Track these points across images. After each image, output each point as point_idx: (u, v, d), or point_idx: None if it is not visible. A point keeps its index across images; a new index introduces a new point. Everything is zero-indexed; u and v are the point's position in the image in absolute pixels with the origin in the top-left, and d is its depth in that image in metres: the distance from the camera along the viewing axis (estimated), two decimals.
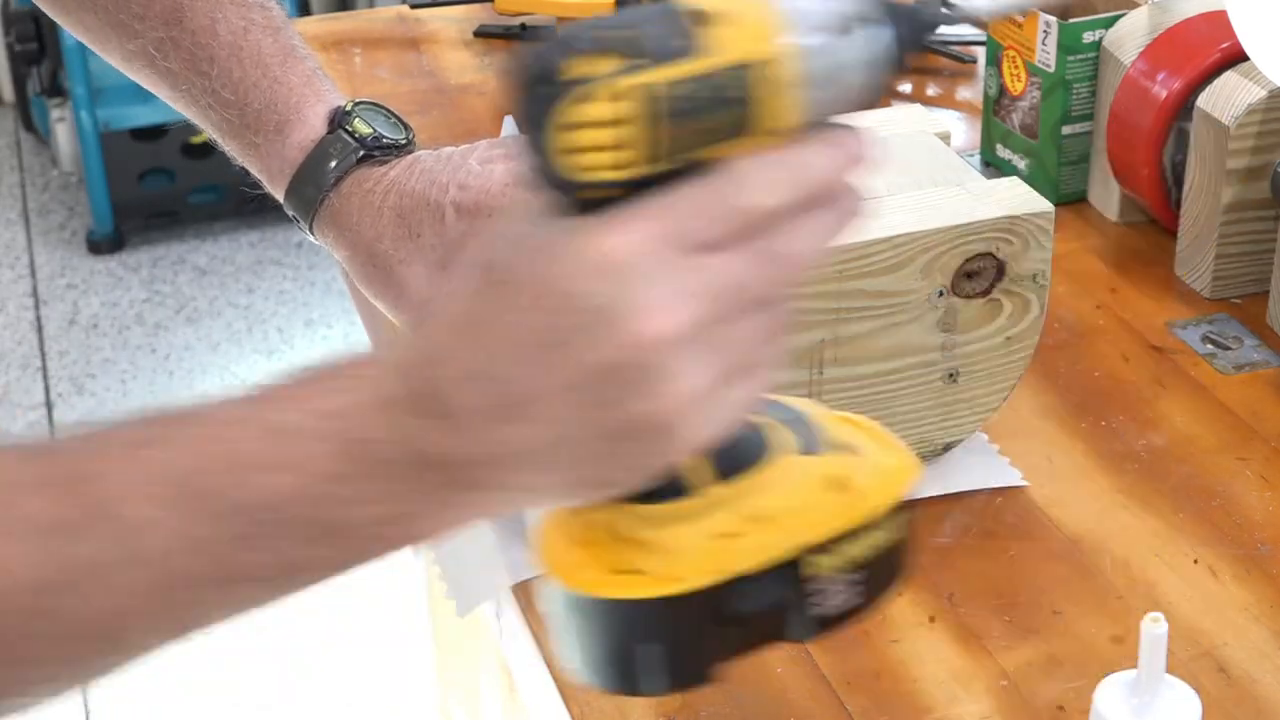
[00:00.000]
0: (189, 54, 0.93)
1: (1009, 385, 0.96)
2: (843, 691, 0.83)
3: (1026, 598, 0.89)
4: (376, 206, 0.90)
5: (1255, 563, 0.91)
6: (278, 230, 3.35)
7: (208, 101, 0.94)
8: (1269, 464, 0.98)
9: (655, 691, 0.64)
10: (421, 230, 0.88)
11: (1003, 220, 0.91)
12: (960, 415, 0.96)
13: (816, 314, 0.90)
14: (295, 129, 0.92)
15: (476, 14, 1.59)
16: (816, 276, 0.89)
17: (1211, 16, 1.16)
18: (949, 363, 0.94)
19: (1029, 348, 0.96)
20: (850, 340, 0.91)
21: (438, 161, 0.90)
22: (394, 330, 1.10)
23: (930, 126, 1.01)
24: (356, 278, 0.92)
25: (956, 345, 0.94)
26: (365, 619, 2.42)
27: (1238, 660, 0.84)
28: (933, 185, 0.94)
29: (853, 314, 0.91)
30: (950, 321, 0.93)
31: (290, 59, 0.94)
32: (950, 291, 0.92)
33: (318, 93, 0.93)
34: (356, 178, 0.91)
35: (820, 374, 0.92)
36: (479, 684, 1.54)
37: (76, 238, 3.36)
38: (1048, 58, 1.22)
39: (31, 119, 3.61)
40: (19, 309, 3.16)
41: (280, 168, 0.93)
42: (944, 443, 0.97)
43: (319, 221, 0.92)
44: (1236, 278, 1.14)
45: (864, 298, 0.91)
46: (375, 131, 0.92)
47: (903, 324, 0.92)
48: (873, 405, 0.94)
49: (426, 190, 0.89)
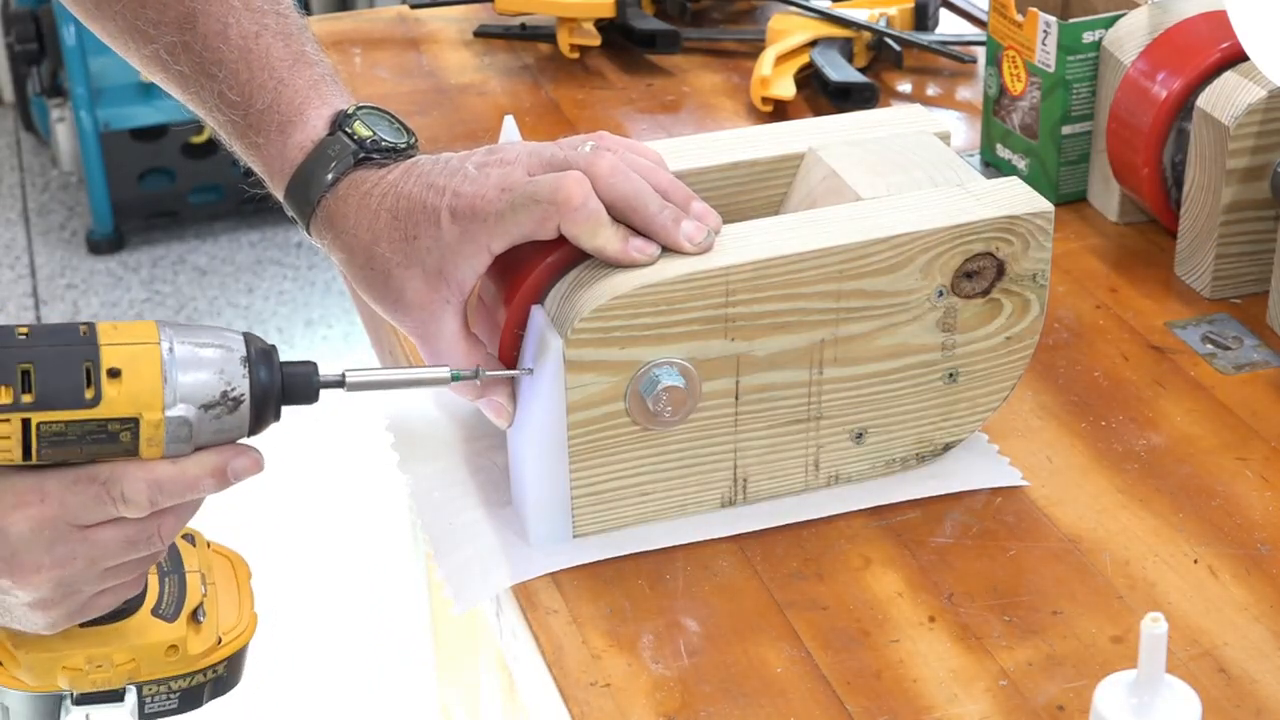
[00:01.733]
0: (199, 58, 0.95)
1: (1009, 385, 0.96)
2: (843, 691, 0.83)
3: (1026, 598, 0.89)
4: (373, 209, 0.90)
5: (1255, 563, 0.91)
6: (278, 230, 3.36)
7: (215, 103, 0.95)
8: (1269, 464, 0.98)
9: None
10: (418, 233, 0.89)
11: (1002, 220, 0.91)
12: (960, 415, 0.96)
13: (817, 314, 0.90)
14: (296, 130, 0.93)
15: (476, 14, 1.59)
16: (817, 276, 0.89)
17: (1211, 16, 1.16)
18: (949, 362, 0.94)
19: (1029, 348, 0.96)
20: (850, 340, 0.91)
21: (435, 166, 0.91)
22: (393, 333, 1.10)
23: (930, 126, 1.01)
24: (353, 280, 0.92)
25: (956, 345, 0.94)
26: (365, 619, 2.42)
27: (1238, 660, 0.84)
28: (933, 185, 0.94)
29: (853, 314, 0.91)
30: (950, 321, 0.93)
31: (299, 63, 0.95)
32: (950, 291, 0.92)
33: (322, 96, 0.94)
34: (354, 180, 0.91)
35: (820, 374, 0.92)
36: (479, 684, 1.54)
37: (76, 238, 3.36)
38: (1048, 58, 1.22)
39: (31, 119, 3.62)
40: (19, 309, 3.16)
41: (280, 168, 0.93)
42: (944, 442, 0.97)
43: (316, 222, 0.93)
44: (1236, 278, 1.14)
45: (864, 297, 0.90)
46: (375, 134, 0.92)
47: (903, 324, 0.92)
48: (873, 405, 0.94)
49: (423, 194, 0.89)
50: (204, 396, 0.78)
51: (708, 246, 0.88)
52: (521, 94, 1.46)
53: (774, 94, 1.39)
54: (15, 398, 0.75)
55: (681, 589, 0.89)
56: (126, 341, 0.77)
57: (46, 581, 0.79)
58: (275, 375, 0.80)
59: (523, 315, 0.89)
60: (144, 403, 0.77)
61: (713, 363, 0.89)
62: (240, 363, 0.79)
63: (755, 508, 0.94)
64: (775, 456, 0.94)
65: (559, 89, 1.46)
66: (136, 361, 0.77)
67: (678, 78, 1.48)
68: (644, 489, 0.92)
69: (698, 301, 0.87)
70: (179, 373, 0.77)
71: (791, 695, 0.83)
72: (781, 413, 0.92)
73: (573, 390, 0.87)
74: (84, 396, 0.76)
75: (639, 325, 0.87)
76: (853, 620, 0.87)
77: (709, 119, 1.41)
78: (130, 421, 0.77)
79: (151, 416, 0.77)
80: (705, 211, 0.89)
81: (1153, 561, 0.91)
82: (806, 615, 0.88)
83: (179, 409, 0.77)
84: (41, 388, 0.75)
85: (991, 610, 0.88)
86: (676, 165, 0.96)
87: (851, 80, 1.40)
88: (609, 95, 1.45)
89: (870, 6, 1.49)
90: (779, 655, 0.85)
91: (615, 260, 0.87)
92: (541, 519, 0.91)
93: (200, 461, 0.79)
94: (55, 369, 0.76)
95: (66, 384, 0.76)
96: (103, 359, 0.76)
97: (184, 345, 0.78)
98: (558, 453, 0.89)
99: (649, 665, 0.85)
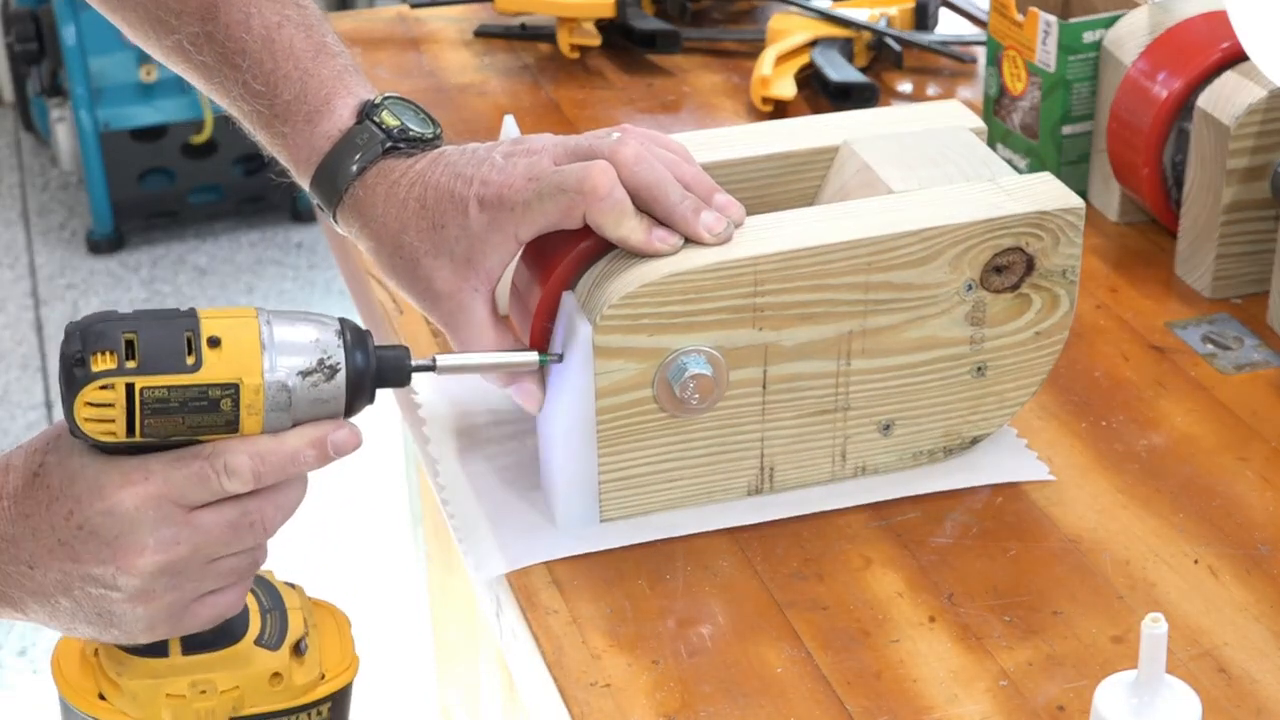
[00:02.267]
0: (221, 48, 0.96)
1: (1038, 380, 0.97)
2: (843, 691, 0.83)
3: (1026, 598, 0.89)
4: (401, 198, 0.91)
5: (1255, 563, 0.91)
6: (278, 230, 3.36)
7: (239, 93, 0.96)
8: (1269, 464, 0.98)
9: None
10: (445, 222, 0.90)
11: (1033, 215, 0.91)
12: (988, 409, 0.96)
13: (845, 305, 0.90)
14: (323, 120, 0.94)
15: (476, 14, 1.59)
16: (846, 267, 0.89)
17: (1211, 16, 1.16)
18: (977, 356, 0.94)
19: (1058, 343, 0.96)
20: (878, 332, 0.92)
21: (462, 156, 0.92)
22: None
23: (966, 122, 1.01)
24: (382, 269, 0.93)
25: (985, 339, 0.94)
26: (366, 619, 2.42)
27: (1238, 660, 0.84)
28: (964, 180, 0.95)
29: (881, 306, 0.91)
30: (979, 315, 0.93)
31: (322, 54, 0.96)
32: (979, 285, 0.92)
33: (347, 86, 0.95)
34: (381, 169, 0.92)
35: (848, 365, 0.92)
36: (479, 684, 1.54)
37: (76, 238, 3.36)
38: (1048, 58, 1.22)
39: (31, 119, 3.61)
40: (19, 309, 3.16)
41: (307, 157, 0.94)
42: (971, 436, 0.97)
43: (343, 210, 0.94)
44: (1236, 278, 1.14)
45: (892, 290, 0.91)
46: (402, 124, 0.93)
47: (931, 317, 0.92)
48: (900, 397, 0.94)
49: (451, 183, 0.90)
50: (302, 363, 0.79)
51: (727, 238, 0.89)
52: (521, 94, 1.46)
53: (774, 94, 1.39)
54: (120, 363, 0.76)
55: (681, 589, 0.90)
56: (226, 316, 0.79)
57: (151, 565, 0.78)
58: (370, 357, 0.81)
59: (554, 302, 0.90)
60: (244, 367, 0.78)
61: (740, 351, 0.90)
62: (335, 335, 0.80)
63: (781, 496, 0.95)
64: (802, 446, 0.94)
65: (559, 89, 1.46)
66: (235, 330, 0.78)
67: (678, 78, 1.48)
68: (671, 475, 0.92)
69: (726, 290, 0.88)
70: (277, 340, 0.79)
71: (791, 695, 0.83)
72: (809, 403, 0.93)
73: (601, 376, 0.88)
74: (185, 362, 0.77)
75: (667, 313, 0.87)
76: (853, 620, 0.87)
77: (709, 119, 1.41)
78: (230, 388, 0.78)
79: (251, 381, 0.78)
80: (728, 203, 0.90)
81: (1153, 561, 0.91)
82: (807, 615, 0.88)
83: (279, 373, 0.79)
84: (145, 353, 0.77)
85: (992, 610, 0.88)
86: (711, 157, 0.97)
87: (851, 80, 1.40)
88: (609, 95, 1.45)
89: (870, 6, 1.49)
90: (779, 655, 0.85)
91: (639, 250, 0.88)
92: (570, 503, 0.92)
93: (300, 433, 0.80)
94: (158, 337, 0.77)
95: (169, 349, 0.77)
96: (203, 329, 0.78)
97: (281, 320, 0.80)
98: (586, 438, 0.90)
99: (649, 665, 0.85)
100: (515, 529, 0.93)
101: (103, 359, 0.76)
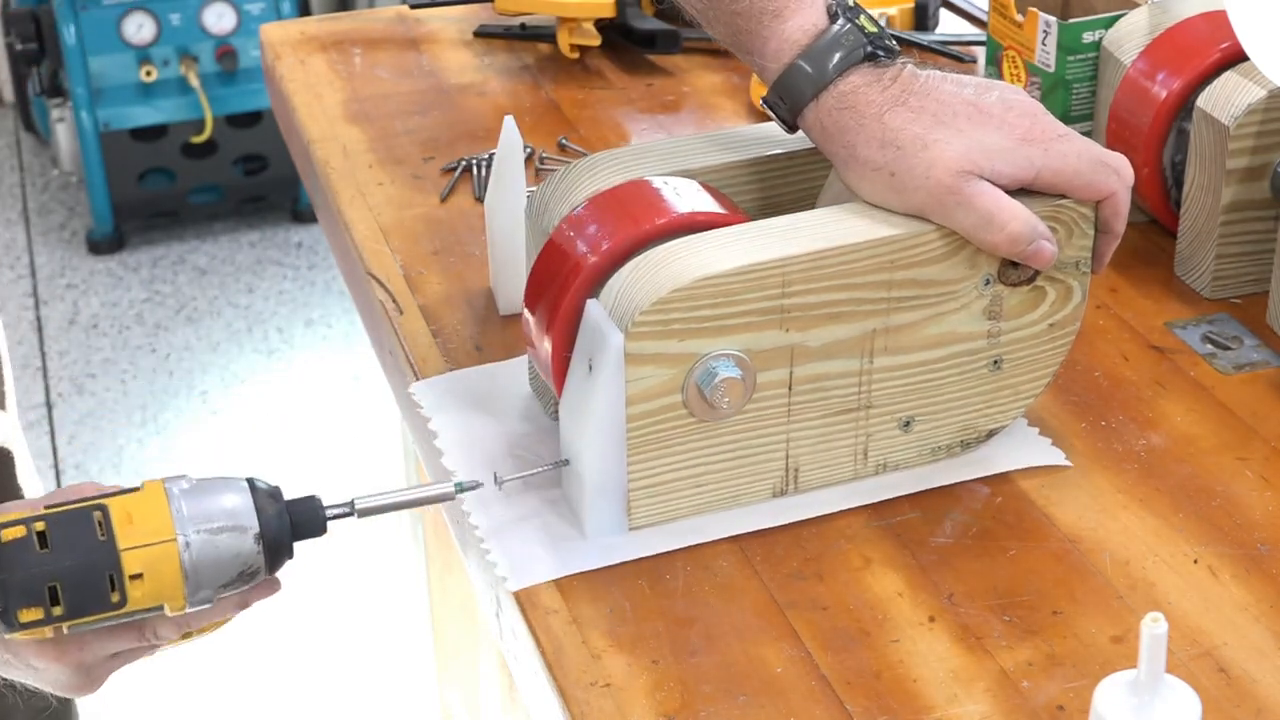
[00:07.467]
0: None
1: (1051, 371, 0.97)
2: (842, 691, 0.83)
3: (1026, 598, 0.89)
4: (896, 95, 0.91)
5: (1255, 563, 0.91)
6: (278, 230, 3.36)
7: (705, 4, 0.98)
8: (1269, 464, 0.98)
9: None
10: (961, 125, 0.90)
11: (1046, 208, 0.92)
12: (1004, 401, 0.97)
13: (869, 303, 0.91)
14: (793, 15, 0.94)
15: (476, 14, 1.59)
16: (871, 265, 0.90)
17: (1211, 16, 1.16)
18: (994, 350, 0.95)
19: (1071, 334, 0.97)
20: (900, 329, 0.92)
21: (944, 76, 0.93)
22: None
23: None
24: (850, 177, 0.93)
25: (1002, 333, 0.95)
26: (366, 619, 2.42)
27: (1238, 660, 0.84)
28: None
29: (903, 303, 0.92)
30: (996, 309, 0.94)
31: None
32: (996, 279, 0.93)
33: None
34: (861, 72, 0.92)
35: (871, 363, 0.92)
36: (479, 684, 1.54)
37: (76, 238, 3.36)
38: (1048, 58, 1.22)
39: (31, 119, 3.62)
40: (19, 309, 3.16)
41: (778, 50, 0.94)
42: (988, 429, 0.97)
43: (812, 111, 0.93)
44: (1236, 278, 1.14)
45: (915, 286, 0.91)
46: (881, 30, 0.93)
47: (950, 312, 0.93)
48: (920, 393, 0.94)
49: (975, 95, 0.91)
50: (223, 579, 0.85)
51: None
52: (521, 94, 1.46)
53: None
54: (46, 613, 0.82)
55: (681, 589, 0.90)
56: (145, 543, 0.83)
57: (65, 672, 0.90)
58: (284, 520, 0.88)
59: (577, 308, 0.90)
60: (167, 596, 0.84)
61: (767, 353, 0.90)
62: (254, 540, 0.86)
63: (805, 497, 0.95)
64: (826, 446, 0.94)
65: (559, 89, 1.46)
66: (157, 564, 0.84)
67: (678, 78, 1.48)
68: (699, 480, 0.92)
69: (755, 293, 0.88)
70: (197, 567, 0.84)
71: (791, 695, 0.83)
72: (833, 402, 0.93)
73: (632, 383, 0.88)
74: (110, 600, 0.83)
75: (697, 317, 0.87)
76: (853, 620, 0.87)
77: (709, 119, 1.41)
78: (156, 609, 0.85)
79: (175, 605, 0.85)
80: None
81: (1153, 561, 0.91)
82: (806, 615, 0.88)
83: (200, 594, 0.85)
84: (70, 600, 0.83)
85: (991, 610, 0.88)
86: (711, 158, 0.98)
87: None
88: (609, 95, 1.45)
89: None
90: (779, 655, 0.85)
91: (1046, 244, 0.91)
92: (599, 511, 0.92)
93: (223, 606, 0.88)
94: (80, 582, 0.83)
95: (93, 594, 0.83)
96: (125, 566, 0.83)
97: (199, 534, 0.84)
98: (616, 446, 0.90)
99: (649, 665, 0.85)
100: (544, 539, 0.92)
101: (29, 612, 0.82)
